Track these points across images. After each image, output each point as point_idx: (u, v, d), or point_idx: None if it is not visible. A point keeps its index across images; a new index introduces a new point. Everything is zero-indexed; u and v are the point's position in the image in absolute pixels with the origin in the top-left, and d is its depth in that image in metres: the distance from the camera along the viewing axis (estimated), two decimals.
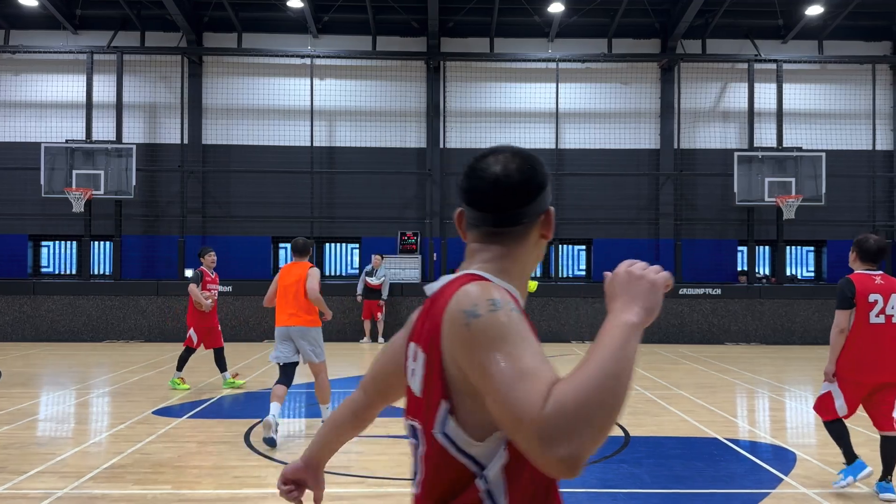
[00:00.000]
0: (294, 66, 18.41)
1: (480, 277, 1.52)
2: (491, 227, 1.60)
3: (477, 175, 1.58)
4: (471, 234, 1.64)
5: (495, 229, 1.60)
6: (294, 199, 18.20)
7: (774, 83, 17.97)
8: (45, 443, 6.91)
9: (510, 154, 1.60)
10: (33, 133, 17.94)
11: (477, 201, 1.59)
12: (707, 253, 18.55)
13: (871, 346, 5.28)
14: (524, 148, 1.68)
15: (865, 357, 5.29)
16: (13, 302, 16.05)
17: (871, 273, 5.42)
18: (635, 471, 6.10)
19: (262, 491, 5.41)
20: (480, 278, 1.51)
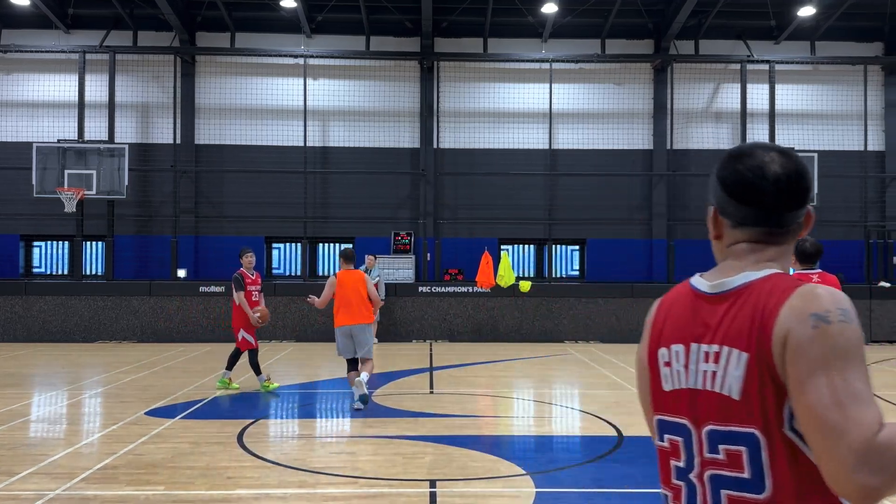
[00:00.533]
0: (287, 65, 18.38)
1: (795, 278, 1.51)
2: (774, 227, 1.58)
3: (761, 174, 1.53)
4: (737, 233, 1.60)
5: (778, 229, 1.58)
6: (288, 199, 18.17)
7: (767, 84, 18.05)
8: (37, 444, 6.88)
9: (782, 152, 1.59)
10: (25, 133, 17.86)
11: (759, 201, 1.55)
12: (700, 253, 18.45)
13: None
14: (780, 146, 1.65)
15: None
16: (4, 302, 15.97)
17: (809, 272, 6.09)
18: (629, 470, 6.12)
19: (256, 492, 5.40)
20: (799, 279, 1.50)
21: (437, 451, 6.65)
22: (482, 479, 5.77)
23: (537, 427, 7.93)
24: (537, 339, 16.29)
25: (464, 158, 18.46)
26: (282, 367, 12.21)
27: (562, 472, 5.99)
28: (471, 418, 8.13)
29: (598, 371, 11.97)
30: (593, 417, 8.23)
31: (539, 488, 5.50)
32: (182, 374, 11.30)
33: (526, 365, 12.79)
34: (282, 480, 5.71)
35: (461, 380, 10.79)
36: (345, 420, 8.34)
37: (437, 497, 5.30)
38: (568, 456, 6.70)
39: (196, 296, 16.26)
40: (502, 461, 6.31)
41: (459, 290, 16.47)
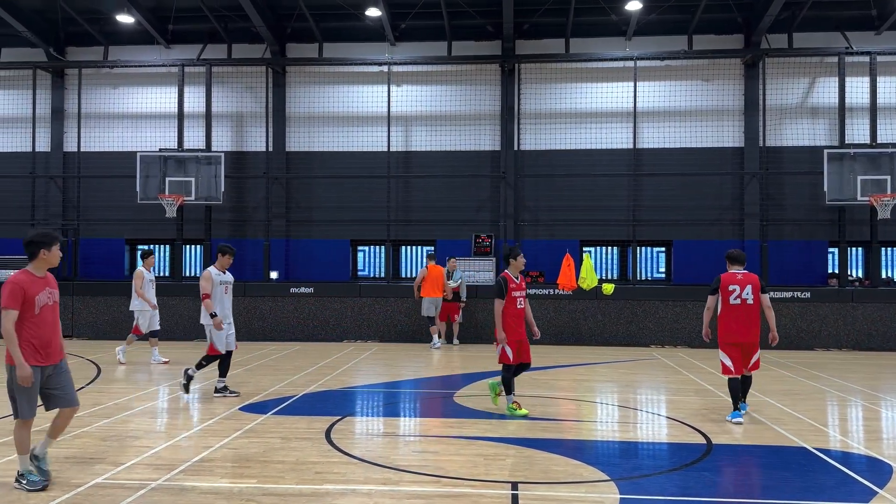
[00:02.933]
0: (372, 73, 18.80)
1: None
2: None
3: None
4: None
5: None
6: (372, 203, 18.58)
7: (867, 76, 17.09)
8: (141, 436, 7.30)
9: None
10: (130, 142, 19.02)
11: None
12: (795, 255, 17.80)
13: (734, 319, 8.25)
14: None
15: (729, 324, 8.26)
16: (112, 303, 17.01)
17: (736, 272, 8.40)
18: (718, 479, 5.95)
19: (343, 487, 5.56)
20: None
21: (518, 453, 6.66)
22: (564, 483, 5.74)
23: (621, 432, 7.80)
24: (621, 343, 15.99)
25: (544, 160, 18.36)
26: (366, 367, 12.50)
27: (647, 480, 5.88)
28: (552, 421, 8.09)
29: (685, 376, 11.66)
30: (680, 424, 8.04)
31: (623, 495, 5.43)
32: (274, 371, 11.74)
33: (609, 369, 12.59)
34: (367, 477, 5.86)
35: (542, 382, 10.74)
36: (427, 419, 8.47)
37: (518, 499, 5.32)
38: (653, 463, 6.56)
39: (287, 296, 16.85)
40: (585, 466, 6.25)
41: (540, 292, 16.38)
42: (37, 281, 5.53)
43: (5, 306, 5.35)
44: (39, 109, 19.23)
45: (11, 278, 5.43)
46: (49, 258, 5.59)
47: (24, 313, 5.41)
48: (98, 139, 19.25)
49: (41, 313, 5.48)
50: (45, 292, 5.54)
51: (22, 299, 5.39)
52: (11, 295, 5.36)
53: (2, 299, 5.37)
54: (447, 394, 9.98)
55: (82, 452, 6.51)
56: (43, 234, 5.61)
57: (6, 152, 19.47)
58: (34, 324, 5.45)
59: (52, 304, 5.60)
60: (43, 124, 19.36)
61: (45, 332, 5.50)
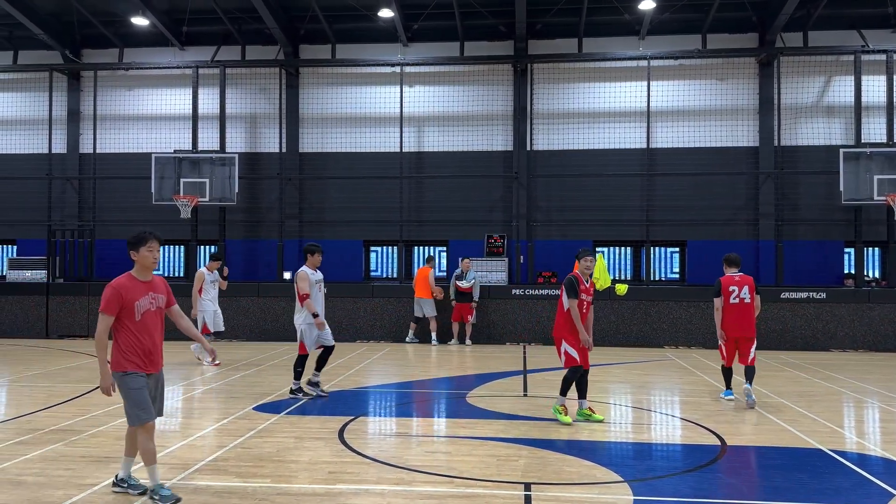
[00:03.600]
0: (385, 74, 18.84)
1: None
2: None
3: None
4: None
5: None
6: (384, 203, 18.62)
7: (884, 75, 16.92)
8: (156, 435, 7.34)
9: None
10: (145, 144, 19.18)
11: None
12: (811, 255, 17.66)
13: (733, 316, 9.21)
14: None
15: (730, 322, 9.23)
16: None
17: (733, 275, 9.40)
18: (732, 481, 5.92)
19: (356, 487, 5.58)
20: None
21: (531, 454, 6.66)
22: (578, 484, 5.73)
23: (635, 433, 7.77)
24: (634, 344, 15.93)
25: (557, 160, 18.32)
26: (379, 368, 12.52)
27: (661, 481, 5.86)
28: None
29: (699, 377, 11.60)
30: (694, 425, 7.99)
31: (637, 496, 5.41)
32: (288, 371, 11.77)
33: (622, 370, 12.55)
34: (380, 477, 5.88)
35: (555, 383, 10.69)
36: (440, 420, 8.48)
37: (531, 500, 5.31)
38: (667, 464, 6.53)
39: None
40: (598, 467, 6.24)
41: (553, 292, 16.34)
42: (138, 285, 5.24)
43: (102, 311, 5.13)
44: (56, 111, 19.42)
45: (112, 282, 5.20)
46: (140, 260, 5.27)
47: (124, 319, 5.14)
48: (113, 141, 19.42)
49: (143, 319, 5.19)
50: (147, 297, 5.24)
51: (119, 304, 5.11)
52: (108, 300, 5.12)
53: (101, 303, 5.16)
54: (460, 394, 9.99)
55: (98, 451, 6.57)
56: (132, 236, 5.32)
57: (23, 154, 19.68)
58: (135, 330, 5.16)
59: (156, 309, 5.31)
60: (59, 126, 19.56)
61: (146, 339, 5.21)
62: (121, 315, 5.13)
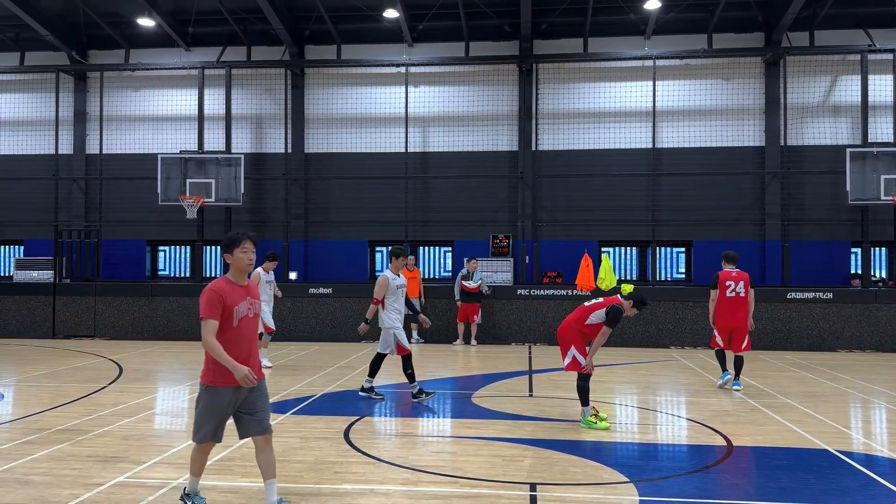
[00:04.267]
0: (390, 74, 18.86)
1: None
2: None
3: None
4: None
5: None
6: (389, 203, 18.64)
7: (891, 74, 16.86)
8: (162, 435, 7.39)
9: None
10: (151, 145, 19.24)
11: None
12: (817, 255, 17.60)
13: (728, 308, 10.39)
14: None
15: (724, 313, 10.43)
16: (133, 303, 17.20)
17: (731, 271, 10.53)
18: (738, 481, 5.90)
19: (361, 487, 5.59)
20: None
21: (536, 454, 6.65)
22: (583, 484, 5.73)
23: (641, 434, 7.76)
24: (640, 344, 15.90)
25: (562, 160, 18.31)
26: (384, 368, 12.51)
27: (667, 482, 5.85)
28: (571, 423, 8.06)
29: (705, 378, 11.57)
30: (700, 426, 7.98)
31: (642, 497, 5.40)
32: (293, 371, 11.81)
33: (628, 370, 12.52)
34: (386, 477, 5.88)
35: (561, 384, 10.70)
36: (445, 420, 8.48)
37: (537, 500, 5.31)
38: (673, 465, 6.52)
39: (306, 297, 16.93)
40: (604, 467, 6.23)
41: (559, 292, 16.33)
42: (236, 290, 4.85)
43: (204, 316, 4.70)
44: (62, 112, 19.50)
45: (210, 285, 4.82)
46: (235, 262, 4.90)
47: (222, 325, 4.74)
48: (119, 141, 19.48)
49: (239, 326, 4.80)
50: (245, 303, 4.86)
51: (221, 308, 4.72)
52: (209, 304, 4.71)
53: (200, 308, 4.75)
54: (465, 394, 9.99)
55: (104, 451, 6.59)
56: (226, 238, 4.98)
57: (30, 154, 19.77)
58: (232, 338, 4.76)
59: (252, 316, 4.93)
60: (66, 127, 19.64)
61: (243, 347, 4.82)
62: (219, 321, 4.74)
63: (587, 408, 7.89)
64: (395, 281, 9.39)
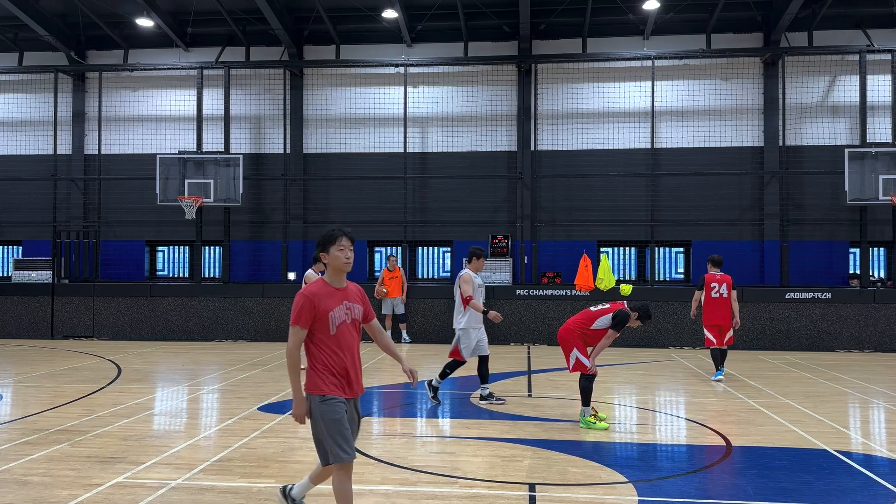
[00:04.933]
0: (389, 74, 18.86)
1: None
2: None
3: None
4: None
5: None
6: (389, 204, 18.64)
7: (889, 74, 16.88)
8: (161, 436, 7.38)
9: None
10: (149, 145, 19.23)
11: None
12: (816, 255, 17.61)
13: (713, 308, 11.34)
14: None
15: (710, 312, 11.33)
16: (131, 303, 17.20)
17: (715, 273, 11.43)
18: (737, 481, 5.90)
19: (360, 487, 5.58)
20: None
21: (535, 454, 6.65)
22: (582, 485, 5.73)
23: (640, 434, 7.76)
24: (639, 345, 15.90)
25: (561, 160, 18.31)
26: (383, 368, 12.52)
27: (666, 482, 5.85)
28: (570, 423, 8.06)
29: (704, 378, 11.58)
30: (699, 426, 7.98)
31: (641, 497, 5.40)
32: None
33: (627, 371, 12.52)
34: (385, 477, 5.88)
35: (560, 384, 10.70)
36: (444, 420, 8.48)
37: (536, 501, 5.31)
38: (672, 465, 6.52)
39: None
40: (603, 468, 6.23)
41: (558, 293, 16.34)
42: (333, 293, 4.42)
43: (293, 323, 4.31)
44: (61, 112, 19.49)
45: (303, 289, 4.42)
46: (331, 262, 4.47)
47: (318, 333, 4.33)
48: (118, 142, 19.48)
49: (339, 333, 4.37)
50: (343, 307, 4.40)
51: (312, 315, 4.30)
52: (300, 309, 4.30)
53: (291, 314, 4.37)
54: (464, 395, 9.98)
55: (103, 452, 6.59)
56: (321, 236, 4.56)
57: (29, 155, 19.75)
58: (331, 347, 4.35)
59: (352, 321, 4.46)
60: (64, 127, 19.62)
61: (344, 355, 4.39)
62: (314, 328, 4.33)
63: (587, 408, 7.92)
64: (477, 280, 9.29)
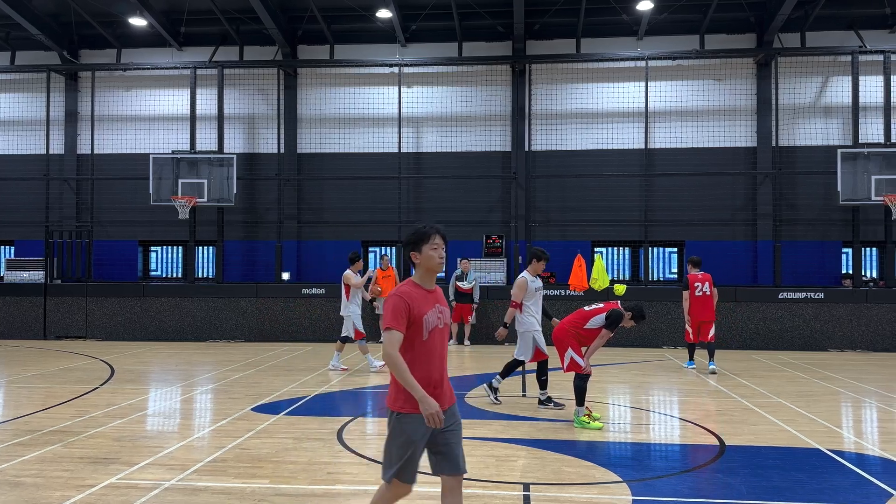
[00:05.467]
0: (383, 75, 18.85)
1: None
2: None
3: None
4: None
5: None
6: (383, 204, 18.63)
7: (881, 75, 16.96)
8: (154, 436, 7.35)
9: None
10: (142, 145, 19.16)
11: None
12: (809, 255, 17.68)
13: (698, 305, 12.19)
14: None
15: (695, 310, 12.20)
16: (125, 303, 17.14)
17: (697, 273, 12.35)
18: (731, 481, 5.92)
19: (355, 487, 5.58)
20: None
21: (530, 454, 6.66)
22: (576, 484, 5.73)
23: (634, 434, 7.77)
24: (633, 344, 15.94)
25: (555, 160, 18.34)
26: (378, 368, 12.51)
27: (659, 481, 5.86)
28: (564, 423, 8.07)
29: (698, 378, 11.61)
30: (693, 426, 8.00)
31: (635, 496, 5.41)
32: (286, 372, 11.79)
33: (621, 370, 12.55)
34: (379, 478, 5.86)
35: (554, 384, 10.71)
36: None
37: (530, 500, 5.31)
38: (666, 465, 6.54)
39: (299, 298, 16.90)
40: (597, 467, 6.24)
41: (552, 293, 16.35)
42: (425, 296, 4.02)
43: (388, 326, 3.88)
44: (53, 112, 19.40)
45: (396, 289, 4.02)
46: (424, 262, 4.06)
47: (411, 338, 3.92)
48: (111, 141, 19.40)
49: (430, 339, 3.97)
50: (435, 311, 4.02)
51: (408, 318, 3.90)
52: (395, 312, 3.89)
53: (383, 317, 3.96)
54: (459, 394, 9.97)
55: (96, 452, 6.56)
56: (411, 234, 4.14)
57: (21, 154, 19.66)
58: (422, 354, 3.93)
59: (443, 326, 4.08)
60: (57, 127, 19.53)
61: (435, 365, 3.99)
62: (407, 333, 3.93)
63: (581, 407, 7.93)
64: (534, 283, 9.11)
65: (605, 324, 7.98)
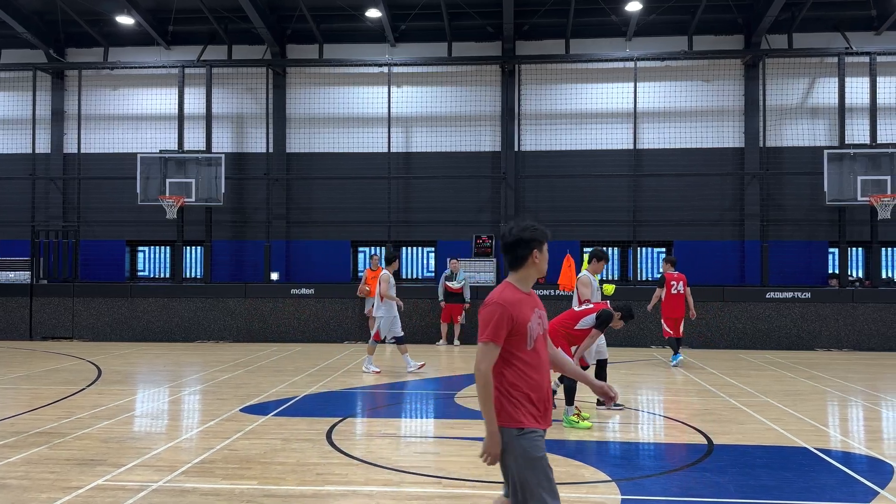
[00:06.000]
0: (372, 74, 18.82)
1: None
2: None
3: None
4: None
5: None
6: (372, 204, 18.60)
7: (867, 77, 17.11)
8: (141, 437, 7.30)
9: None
10: (130, 144, 19.04)
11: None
12: (796, 255, 17.81)
13: (672, 303, 12.97)
14: None
15: (670, 307, 12.98)
16: (112, 304, 17.02)
17: (673, 273, 13.11)
18: (719, 480, 5.95)
19: (344, 488, 5.56)
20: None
21: None
22: (566, 483, 5.74)
23: (622, 433, 7.80)
24: (621, 344, 15.99)
25: (545, 161, 18.37)
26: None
27: (648, 480, 5.88)
28: (553, 422, 8.05)
29: (686, 377, 11.66)
30: (681, 425, 8.04)
31: (624, 495, 5.43)
32: (275, 372, 11.74)
33: (609, 370, 12.54)
34: (368, 478, 5.86)
35: None
36: (429, 420, 8.47)
37: None
38: (655, 463, 6.56)
39: (288, 298, 16.85)
40: (586, 467, 6.25)
41: (541, 293, 16.36)
42: (525, 299, 3.58)
43: (486, 339, 3.44)
44: (39, 111, 19.23)
45: (496, 296, 3.55)
46: (541, 265, 3.67)
47: (513, 349, 3.48)
48: (98, 141, 19.26)
49: (536, 348, 3.54)
50: (535, 317, 3.56)
51: (509, 329, 3.46)
52: (497, 323, 3.44)
53: (480, 328, 3.51)
54: (448, 395, 9.98)
55: (83, 454, 6.51)
56: (532, 229, 3.69)
57: (6, 154, 19.49)
58: (530, 365, 3.51)
59: (544, 332, 3.64)
60: (43, 126, 19.37)
61: (543, 376, 3.55)
62: (507, 343, 3.48)
63: (570, 407, 7.96)
64: (595, 283, 9.35)
65: (595, 324, 8.01)
